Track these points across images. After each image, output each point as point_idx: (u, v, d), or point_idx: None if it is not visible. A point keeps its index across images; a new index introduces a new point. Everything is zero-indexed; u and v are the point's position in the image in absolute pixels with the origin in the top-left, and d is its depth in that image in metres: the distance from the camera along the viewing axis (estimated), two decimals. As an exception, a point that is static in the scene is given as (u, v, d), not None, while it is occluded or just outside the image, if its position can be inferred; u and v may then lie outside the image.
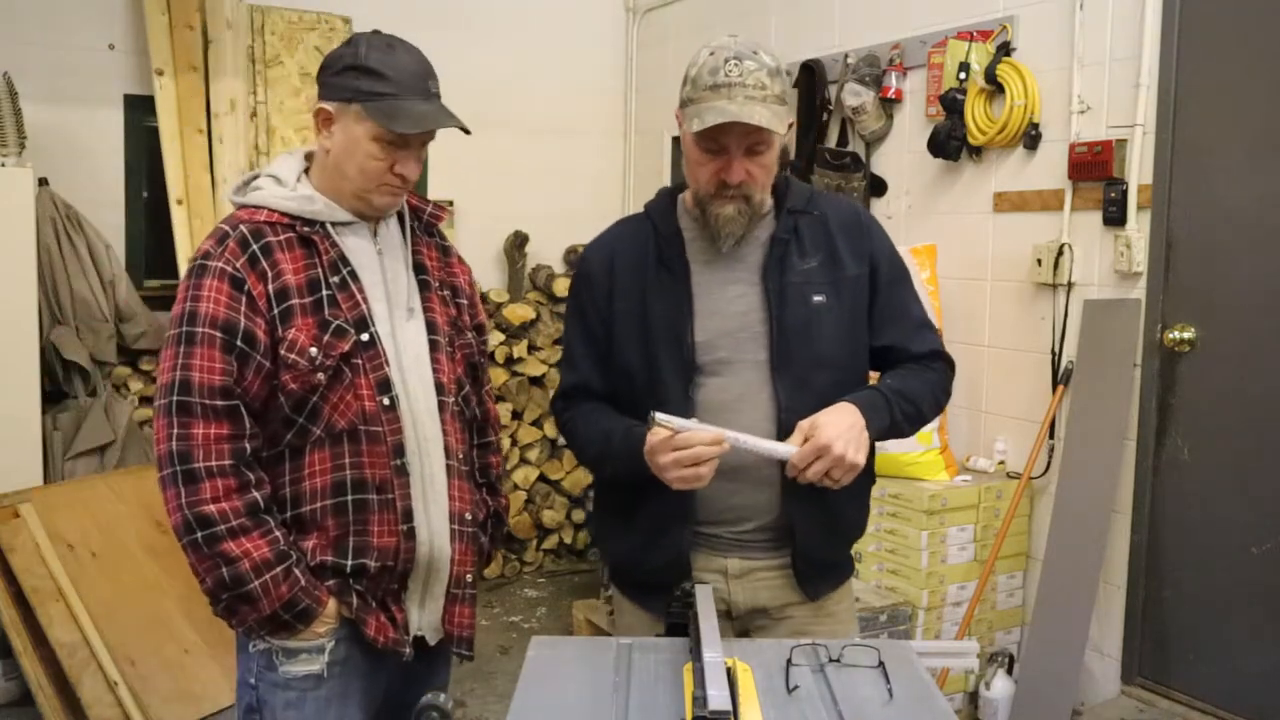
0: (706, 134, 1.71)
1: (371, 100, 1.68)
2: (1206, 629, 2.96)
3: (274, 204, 1.72)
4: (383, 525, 1.72)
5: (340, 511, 1.70)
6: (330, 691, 1.73)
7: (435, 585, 1.80)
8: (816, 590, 1.86)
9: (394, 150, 1.71)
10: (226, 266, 1.66)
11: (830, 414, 1.70)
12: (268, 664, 1.72)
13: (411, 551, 1.74)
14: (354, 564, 1.71)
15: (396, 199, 1.77)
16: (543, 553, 5.07)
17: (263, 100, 4.44)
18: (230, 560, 1.61)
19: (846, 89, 3.91)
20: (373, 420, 1.70)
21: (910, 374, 1.87)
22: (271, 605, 1.64)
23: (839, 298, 1.82)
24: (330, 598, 1.71)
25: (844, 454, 1.65)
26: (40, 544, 3.31)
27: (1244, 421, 2.87)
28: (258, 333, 1.65)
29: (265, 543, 1.64)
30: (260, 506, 1.65)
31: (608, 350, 1.88)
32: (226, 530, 1.61)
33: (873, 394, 1.79)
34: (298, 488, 1.70)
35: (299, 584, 1.66)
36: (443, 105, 1.75)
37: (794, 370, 1.79)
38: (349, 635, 1.74)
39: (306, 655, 1.71)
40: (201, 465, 1.61)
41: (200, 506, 1.60)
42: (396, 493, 1.72)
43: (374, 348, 1.71)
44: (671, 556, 1.82)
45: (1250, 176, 2.85)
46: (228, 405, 1.63)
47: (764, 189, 1.78)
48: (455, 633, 1.85)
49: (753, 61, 1.71)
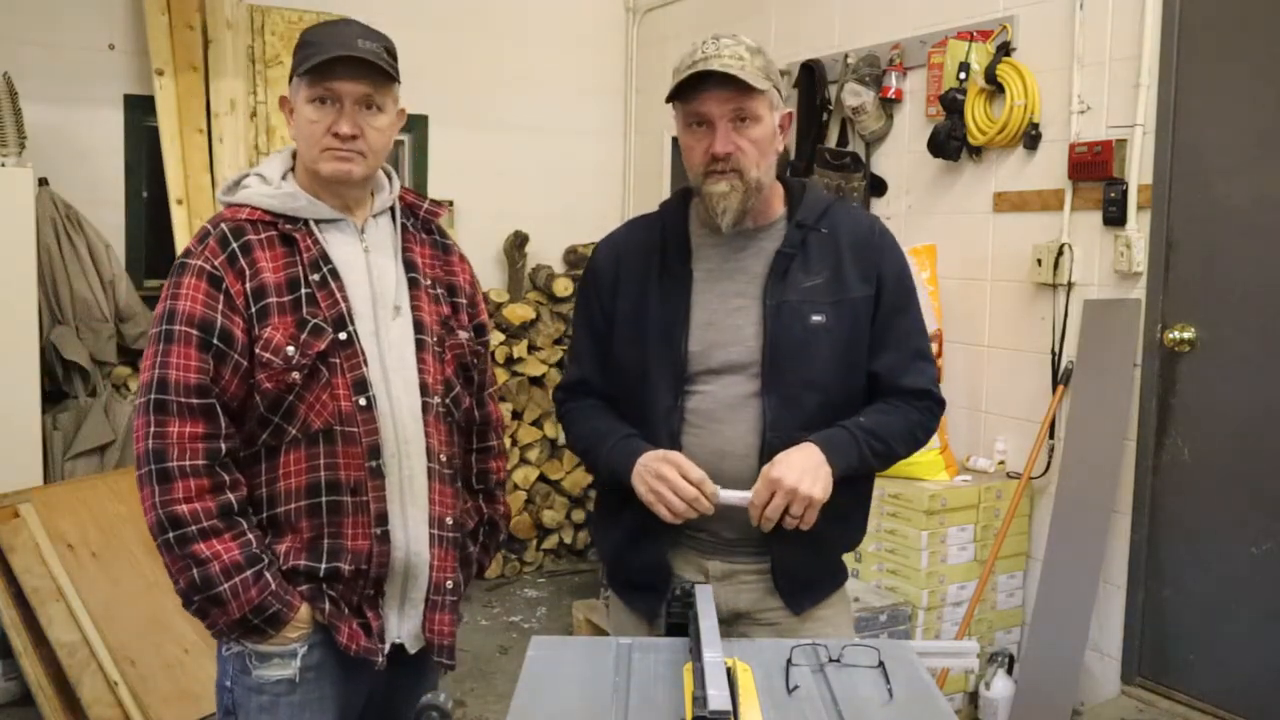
0: (690, 106, 1.72)
1: (299, 65, 1.68)
2: (1206, 629, 2.96)
3: (257, 202, 1.71)
4: (356, 528, 1.69)
5: (314, 513, 1.68)
6: (304, 696, 1.71)
7: (413, 591, 1.77)
8: (799, 604, 1.84)
9: (327, 109, 1.68)
10: (205, 264, 1.65)
11: (789, 452, 1.70)
12: (242, 667, 1.70)
13: (386, 556, 1.71)
14: (327, 567, 1.68)
15: (345, 165, 1.70)
16: (543, 553, 5.07)
17: (263, 100, 4.44)
18: (200, 561, 1.60)
19: (846, 89, 3.91)
20: (348, 420, 1.68)
21: (889, 411, 1.82)
22: (241, 609, 1.62)
23: (839, 319, 1.79)
24: (303, 603, 1.68)
25: (796, 486, 1.65)
26: (40, 544, 3.31)
27: (1244, 421, 2.87)
28: (235, 331, 1.64)
29: (236, 545, 1.62)
30: (233, 508, 1.63)
31: (608, 347, 1.88)
32: (198, 531, 1.60)
33: (838, 431, 1.76)
34: (273, 488, 1.69)
35: (269, 588, 1.64)
36: (368, 49, 1.67)
37: (783, 390, 1.76)
38: (323, 641, 1.71)
39: (279, 660, 1.68)
40: (175, 464, 1.60)
41: (173, 506, 1.59)
42: (370, 495, 1.69)
43: (352, 347, 1.69)
44: (652, 557, 1.82)
45: (1250, 176, 2.85)
46: (203, 404, 1.62)
47: (758, 166, 1.74)
48: (435, 641, 1.79)
49: (730, 40, 1.72)
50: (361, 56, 1.66)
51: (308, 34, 1.73)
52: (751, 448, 1.76)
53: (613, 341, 1.86)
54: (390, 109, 1.74)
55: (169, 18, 4.23)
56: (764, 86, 1.70)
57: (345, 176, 1.71)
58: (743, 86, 1.68)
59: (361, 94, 1.68)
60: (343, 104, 1.68)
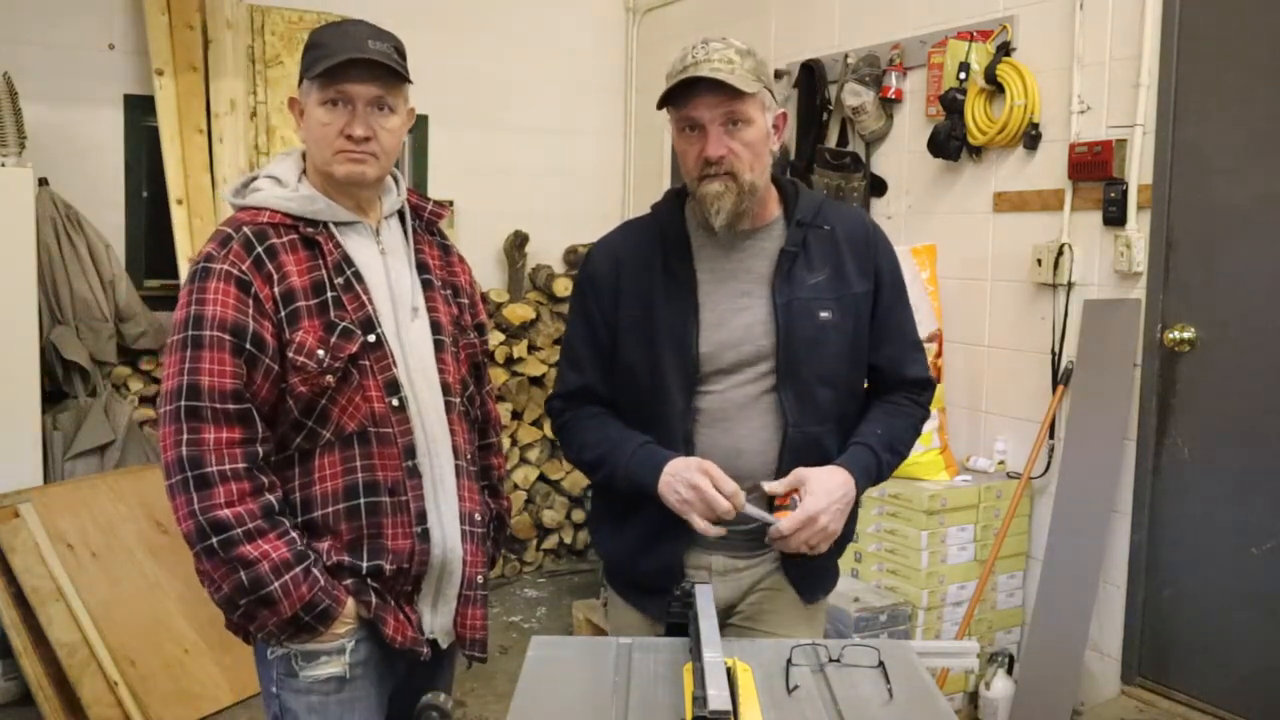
0: (681, 112, 1.74)
1: (311, 68, 1.68)
2: (1206, 629, 2.96)
3: (276, 205, 1.70)
4: (397, 528, 1.70)
5: (354, 515, 1.68)
6: (353, 693, 1.72)
7: (448, 587, 1.79)
8: (813, 593, 1.90)
9: (339, 111, 1.68)
10: (232, 269, 1.64)
11: (823, 479, 1.74)
12: (287, 670, 1.70)
13: (426, 554, 1.73)
14: (370, 566, 1.69)
15: (359, 167, 1.70)
16: (543, 553, 5.07)
17: (263, 100, 4.44)
18: (248, 563, 1.59)
19: (846, 89, 3.91)
20: (382, 422, 1.69)
21: (898, 416, 1.90)
22: (292, 606, 1.62)
23: (843, 314, 1.83)
24: (349, 597, 1.69)
25: (827, 526, 1.71)
26: (40, 544, 3.31)
27: (1244, 421, 2.87)
28: (266, 336, 1.63)
29: (283, 543, 1.61)
30: (275, 508, 1.63)
31: (611, 354, 1.87)
32: (243, 533, 1.58)
33: (864, 454, 1.82)
34: (308, 492, 1.68)
35: (319, 584, 1.64)
36: (379, 50, 1.68)
37: (799, 385, 1.79)
38: (368, 635, 1.72)
39: (327, 658, 1.69)
40: (215, 469, 1.58)
41: (214, 511, 1.58)
42: (410, 494, 1.70)
43: (381, 349, 1.70)
44: (667, 561, 1.83)
45: (1250, 176, 2.85)
46: (239, 409, 1.61)
47: (751, 169, 1.75)
48: (467, 635, 1.82)
49: (720, 43, 1.73)
50: (373, 59, 1.66)
51: (317, 35, 1.72)
52: (768, 444, 1.78)
53: (617, 346, 1.86)
54: (401, 109, 1.75)
55: (169, 18, 4.23)
56: (754, 89, 1.71)
57: (360, 178, 1.71)
58: (732, 91, 1.69)
59: (373, 96, 1.69)
60: (355, 106, 1.68)
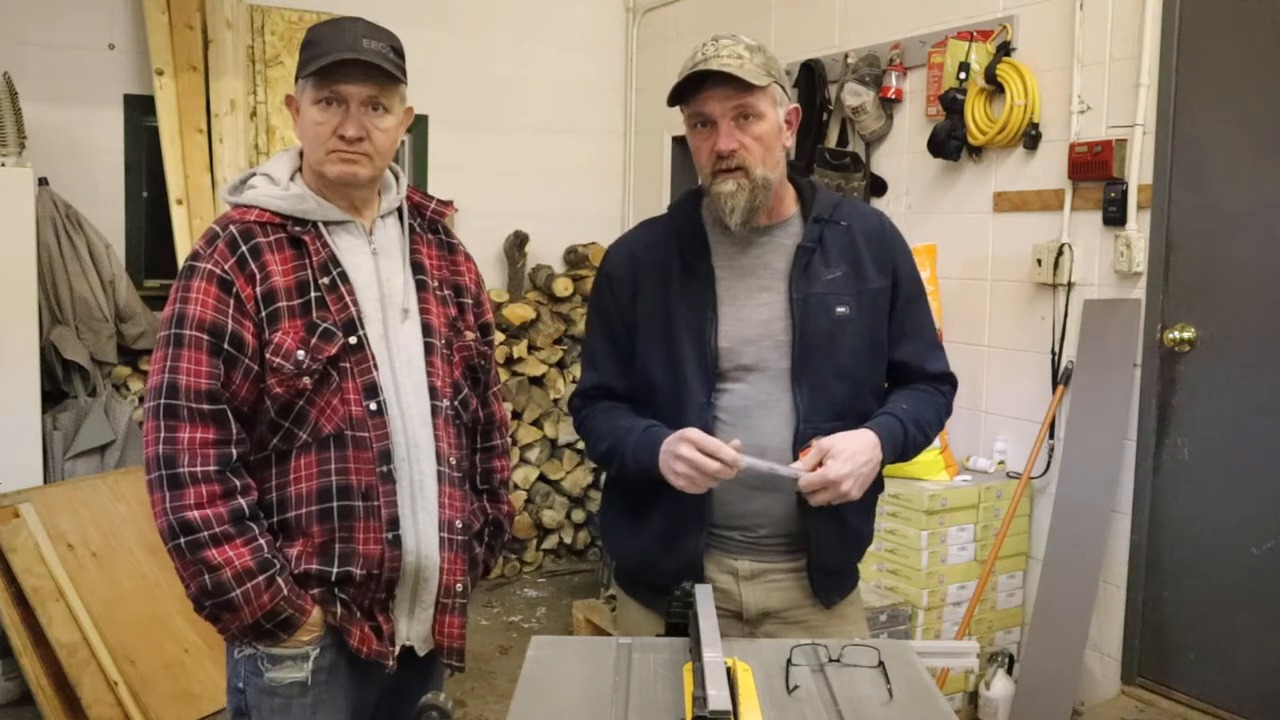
0: (692, 107, 1.75)
1: (305, 66, 1.67)
2: (1206, 629, 2.96)
3: (265, 203, 1.70)
4: (368, 533, 1.69)
5: (325, 518, 1.67)
6: (316, 698, 1.71)
7: (424, 595, 1.77)
8: (830, 598, 1.88)
9: (333, 110, 1.67)
10: (215, 268, 1.64)
11: (849, 442, 1.72)
12: (253, 669, 1.70)
13: (397, 560, 1.71)
14: (339, 572, 1.68)
15: (350, 167, 1.69)
16: (543, 553, 5.07)
17: (263, 100, 4.45)
18: (212, 568, 1.60)
19: (846, 89, 3.90)
20: (359, 425, 1.67)
21: (925, 397, 1.90)
22: (253, 614, 1.62)
23: (861, 310, 1.83)
24: (315, 606, 1.68)
25: (848, 492, 1.70)
26: (40, 544, 3.31)
27: (1244, 421, 2.87)
28: (245, 335, 1.63)
29: (248, 550, 1.61)
30: (245, 513, 1.63)
31: (630, 352, 1.88)
32: (209, 537, 1.59)
33: (894, 424, 1.81)
34: (284, 493, 1.68)
35: (281, 593, 1.63)
36: (374, 49, 1.67)
37: (814, 380, 1.79)
38: (335, 643, 1.71)
39: (291, 662, 1.69)
40: (186, 470, 1.59)
41: (184, 512, 1.59)
42: (382, 500, 1.69)
43: (362, 351, 1.69)
44: (686, 560, 1.81)
45: (1250, 177, 2.85)
46: (214, 409, 1.61)
47: (763, 163, 1.75)
48: (445, 643, 1.80)
49: (729, 40, 1.74)
50: (367, 59, 1.65)
51: (313, 33, 1.71)
52: (784, 440, 1.78)
53: (636, 346, 1.87)
54: (397, 109, 1.73)
55: (169, 17, 4.23)
56: (764, 83, 1.71)
57: (351, 179, 1.70)
58: (742, 84, 1.70)
59: (367, 96, 1.67)
60: (348, 106, 1.67)
